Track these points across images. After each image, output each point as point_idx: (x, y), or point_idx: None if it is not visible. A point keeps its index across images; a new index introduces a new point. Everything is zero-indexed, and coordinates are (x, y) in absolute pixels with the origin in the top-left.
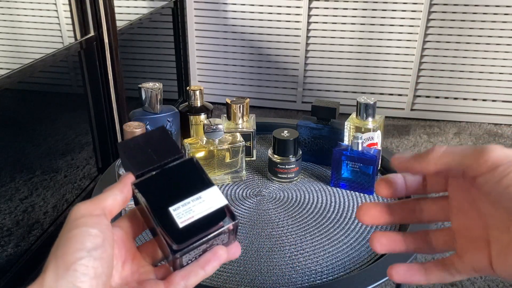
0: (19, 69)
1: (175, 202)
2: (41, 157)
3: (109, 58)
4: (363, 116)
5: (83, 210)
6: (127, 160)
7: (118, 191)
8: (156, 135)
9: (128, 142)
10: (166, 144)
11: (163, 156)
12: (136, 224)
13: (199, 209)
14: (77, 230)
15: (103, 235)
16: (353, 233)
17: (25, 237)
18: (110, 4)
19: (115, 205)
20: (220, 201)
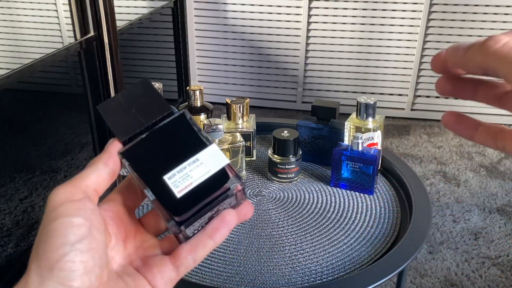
0: (19, 69)
1: (169, 169)
2: (41, 157)
3: (109, 58)
4: (363, 116)
5: (62, 195)
6: (110, 124)
7: (102, 164)
8: (139, 91)
9: (109, 104)
10: (152, 101)
11: (151, 115)
12: (134, 195)
13: (198, 173)
14: (57, 222)
15: (88, 223)
16: (353, 233)
17: (25, 237)
18: (110, 4)
19: (101, 182)
20: (221, 161)
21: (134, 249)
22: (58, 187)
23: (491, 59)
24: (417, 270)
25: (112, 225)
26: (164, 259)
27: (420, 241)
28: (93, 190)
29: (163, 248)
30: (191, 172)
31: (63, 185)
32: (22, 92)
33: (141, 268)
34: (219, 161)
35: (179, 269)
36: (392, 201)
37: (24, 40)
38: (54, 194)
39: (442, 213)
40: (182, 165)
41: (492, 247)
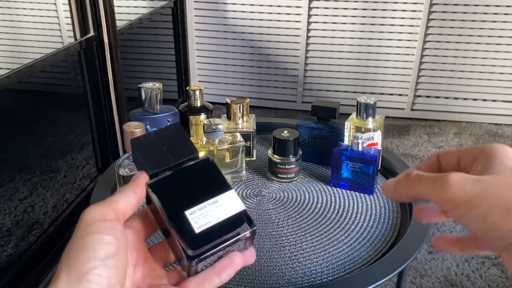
0: (18, 69)
1: (191, 206)
2: (41, 157)
3: (109, 58)
4: (363, 116)
5: (96, 214)
6: (140, 158)
7: (131, 192)
8: (171, 133)
9: (142, 139)
10: (182, 143)
11: (179, 155)
12: (148, 225)
13: (216, 214)
14: (90, 237)
15: (117, 242)
16: (353, 233)
17: (25, 237)
18: (110, 4)
19: (128, 207)
20: (238, 206)
21: (142, 276)
22: (92, 206)
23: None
24: (417, 270)
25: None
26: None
27: (420, 241)
28: (122, 214)
29: (170, 279)
30: (211, 212)
31: (97, 205)
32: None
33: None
34: (236, 205)
35: None
36: (392, 201)
37: (24, 40)
38: (89, 212)
39: None
40: (203, 204)
41: None
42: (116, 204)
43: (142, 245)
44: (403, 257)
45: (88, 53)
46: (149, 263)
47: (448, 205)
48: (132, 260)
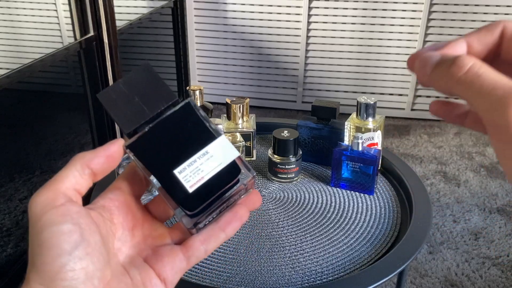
0: (18, 69)
1: (179, 163)
2: (41, 157)
3: (108, 58)
4: (363, 116)
5: (43, 202)
6: (112, 115)
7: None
8: (141, 78)
9: (110, 92)
10: (156, 88)
11: (155, 104)
12: (138, 182)
13: (209, 166)
14: (46, 232)
15: (78, 228)
16: (353, 233)
17: (25, 237)
18: (110, 4)
19: (81, 182)
20: (231, 154)
21: (142, 237)
22: (36, 194)
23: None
24: (417, 270)
25: (118, 214)
26: (174, 249)
27: (420, 241)
28: (74, 191)
29: (173, 237)
30: (202, 166)
31: (41, 190)
32: (21, 92)
33: (150, 257)
34: (229, 153)
35: (190, 259)
36: (392, 201)
37: (24, 40)
38: (35, 202)
39: (442, 213)
40: (192, 159)
41: (492, 247)
42: (61, 184)
43: (137, 204)
44: (403, 257)
45: (88, 53)
46: (148, 222)
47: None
48: (127, 224)
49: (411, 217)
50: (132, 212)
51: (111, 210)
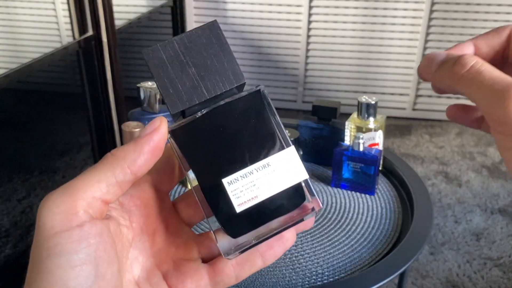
0: (17, 69)
1: (231, 170)
2: (39, 157)
3: (107, 58)
4: (364, 116)
5: (56, 217)
6: (158, 84)
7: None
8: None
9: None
10: (220, 60)
11: (215, 83)
12: (169, 174)
13: (267, 184)
14: (52, 262)
15: (93, 258)
16: (354, 234)
17: (23, 238)
18: (109, 3)
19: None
20: (299, 173)
21: (164, 244)
22: (52, 200)
23: (459, 85)
24: (418, 271)
25: (139, 216)
26: (200, 269)
27: (422, 242)
28: (101, 203)
29: (200, 248)
30: (258, 181)
31: (58, 195)
32: (20, 92)
33: (171, 275)
34: (296, 172)
35: (217, 285)
36: (394, 202)
37: (22, 39)
38: (47, 213)
39: (443, 213)
40: (249, 169)
41: (494, 248)
42: (86, 193)
43: (162, 202)
44: (404, 258)
45: (87, 53)
46: (173, 225)
47: (500, 127)
48: (148, 228)
49: (412, 218)
50: (156, 213)
51: (130, 211)
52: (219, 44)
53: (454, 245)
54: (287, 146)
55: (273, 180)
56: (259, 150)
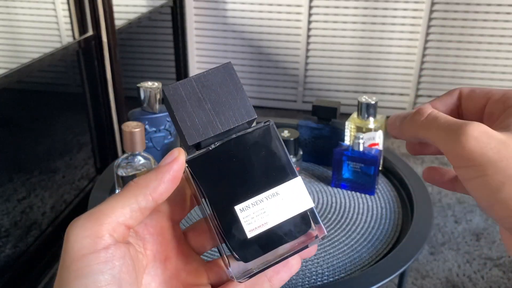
0: (17, 69)
1: (243, 198)
2: (39, 157)
3: (107, 58)
4: (364, 116)
5: (83, 240)
6: (176, 120)
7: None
8: (219, 80)
9: (179, 89)
10: (234, 98)
11: (229, 117)
12: (181, 204)
13: (276, 211)
14: (79, 283)
15: (118, 280)
16: (354, 234)
17: (23, 238)
18: (109, 3)
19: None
20: (305, 202)
21: (175, 271)
22: (78, 225)
23: (420, 131)
24: (418, 271)
25: (152, 244)
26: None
27: (422, 242)
28: (125, 227)
29: (210, 275)
30: (268, 209)
31: (85, 221)
32: (20, 92)
33: None
34: (302, 201)
35: None
36: (394, 202)
37: (22, 39)
38: (74, 237)
39: (443, 213)
40: (259, 197)
41: (494, 248)
42: (111, 218)
43: (174, 231)
44: (404, 258)
45: (87, 53)
46: (183, 253)
47: (459, 161)
48: (160, 255)
49: (412, 218)
50: (167, 241)
51: (144, 239)
52: (232, 83)
53: (454, 245)
54: (294, 177)
55: (281, 208)
56: (268, 179)
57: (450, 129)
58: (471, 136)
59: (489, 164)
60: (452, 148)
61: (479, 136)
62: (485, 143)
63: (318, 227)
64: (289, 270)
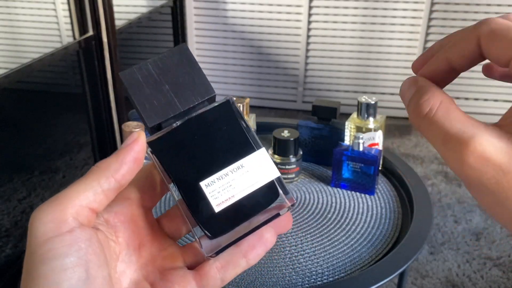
0: (17, 69)
1: (208, 174)
2: (40, 157)
3: (108, 58)
4: (364, 116)
5: (47, 225)
6: (135, 102)
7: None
8: (175, 61)
9: (135, 73)
10: (191, 77)
11: (188, 97)
12: (151, 190)
13: (242, 184)
14: (46, 267)
15: (84, 262)
16: (354, 234)
17: (24, 238)
18: (109, 3)
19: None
20: (271, 172)
21: (150, 257)
22: (41, 209)
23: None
24: (418, 271)
25: (123, 231)
26: (187, 275)
27: (421, 242)
28: (89, 210)
29: (186, 258)
30: (234, 182)
31: (48, 205)
32: (20, 92)
33: (158, 283)
34: (268, 171)
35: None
36: (393, 202)
37: (22, 39)
38: (38, 220)
39: (443, 213)
40: (224, 171)
41: (493, 248)
42: (74, 202)
43: (147, 218)
44: (404, 258)
45: (87, 53)
46: (157, 239)
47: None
48: (133, 243)
49: (412, 218)
50: (140, 228)
51: (115, 227)
52: (189, 63)
53: (454, 245)
54: (258, 148)
55: (247, 180)
56: (232, 153)
57: (446, 146)
58: (466, 163)
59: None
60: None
61: (475, 163)
62: (482, 173)
63: (287, 196)
64: (264, 244)
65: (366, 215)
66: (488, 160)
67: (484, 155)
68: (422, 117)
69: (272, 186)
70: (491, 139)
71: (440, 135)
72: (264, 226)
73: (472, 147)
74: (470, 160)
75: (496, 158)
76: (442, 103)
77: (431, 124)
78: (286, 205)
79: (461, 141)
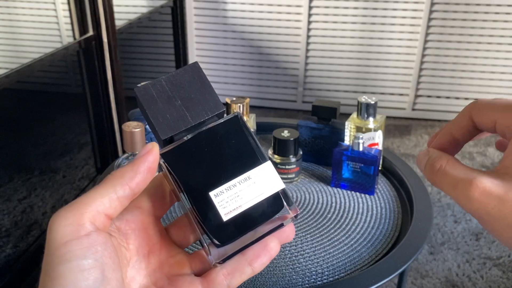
0: (17, 69)
1: (217, 184)
2: (40, 157)
3: (108, 58)
4: (364, 116)
5: (66, 228)
6: (149, 117)
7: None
8: (187, 78)
9: (149, 89)
10: (202, 93)
11: (199, 112)
12: (161, 200)
13: (249, 194)
14: (64, 267)
15: (100, 264)
16: (354, 234)
17: (24, 237)
18: (109, 3)
19: (114, 206)
20: (276, 184)
21: (159, 264)
22: (60, 214)
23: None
24: (418, 271)
25: (134, 239)
26: (194, 282)
27: (421, 242)
28: (105, 216)
29: (193, 266)
30: (241, 193)
31: (66, 210)
32: (20, 92)
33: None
34: (273, 183)
35: None
36: (393, 202)
37: (22, 39)
38: (57, 225)
39: (443, 213)
40: (232, 182)
41: (493, 248)
42: (92, 207)
43: (156, 227)
44: (404, 258)
45: (87, 53)
46: (166, 247)
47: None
48: (143, 250)
49: (412, 218)
50: (150, 236)
51: (127, 234)
52: (200, 80)
53: (454, 244)
54: (264, 161)
55: (254, 191)
56: (240, 166)
57: (456, 189)
58: (472, 198)
59: (494, 221)
60: (461, 204)
61: (479, 197)
62: (486, 204)
63: (291, 207)
64: (268, 253)
65: (366, 215)
66: (489, 193)
67: (486, 190)
68: (435, 173)
69: (277, 197)
70: (490, 178)
71: (451, 182)
72: (268, 235)
73: (475, 185)
74: (475, 195)
75: (495, 191)
76: (448, 160)
77: (442, 175)
78: (289, 215)
79: (466, 182)
